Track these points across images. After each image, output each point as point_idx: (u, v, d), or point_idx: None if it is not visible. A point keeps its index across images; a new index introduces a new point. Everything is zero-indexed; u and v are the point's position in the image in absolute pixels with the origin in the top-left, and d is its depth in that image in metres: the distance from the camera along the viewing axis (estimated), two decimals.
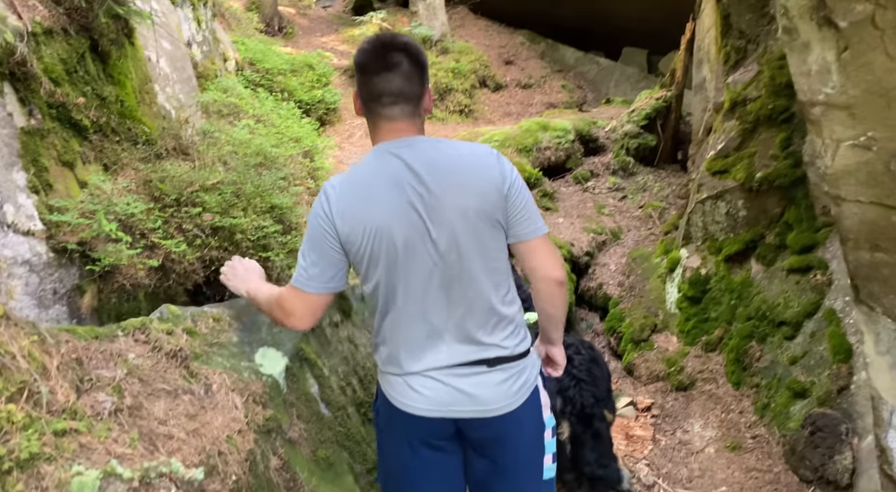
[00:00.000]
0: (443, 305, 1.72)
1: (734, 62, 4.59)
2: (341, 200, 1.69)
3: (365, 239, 1.67)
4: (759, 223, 4.33)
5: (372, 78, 1.70)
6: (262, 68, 7.38)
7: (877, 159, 1.70)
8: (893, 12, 1.43)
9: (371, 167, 1.73)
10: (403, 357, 1.77)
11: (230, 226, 3.69)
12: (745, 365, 4.11)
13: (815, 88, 1.66)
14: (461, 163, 1.71)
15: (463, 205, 1.67)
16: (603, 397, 3.04)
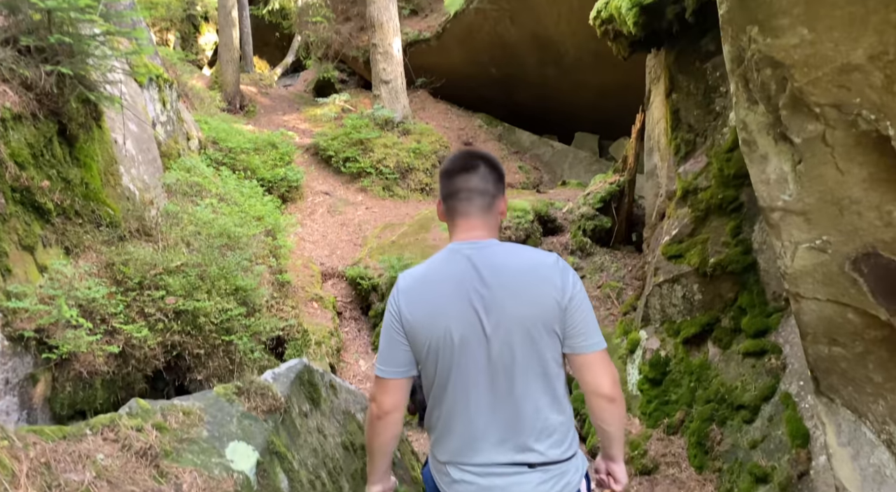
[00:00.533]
0: (488, 405, 1.76)
1: (684, 154, 4.86)
2: (410, 295, 1.78)
3: (426, 333, 1.76)
4: (715, 307, 4.47)
5: (453, 177, 1.85)
6: (225, 147, 7.44)
7: (832, 261, 1.81)
8: (841, 132, 1.57)
9: (441, 265, 1.82)
10: (448, 446, 1.82)
11: (194, 309, 3.63)
12: (706, 448, 4.14)
13: (773, 195, 1.78)
14: (524, 272, 1.76)
15: (521, 313, 1.72)
16: None
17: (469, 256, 1.77)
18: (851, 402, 2.12)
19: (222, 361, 3.74)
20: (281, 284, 5.86)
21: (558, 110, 11.83)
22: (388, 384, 1.82)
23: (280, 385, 2.53)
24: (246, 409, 2.28)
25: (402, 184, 9.18)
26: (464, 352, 1.74)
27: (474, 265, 1.75)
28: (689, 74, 4.94)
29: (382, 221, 8.05)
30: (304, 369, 2.74)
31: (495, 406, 1.75)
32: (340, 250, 7.36)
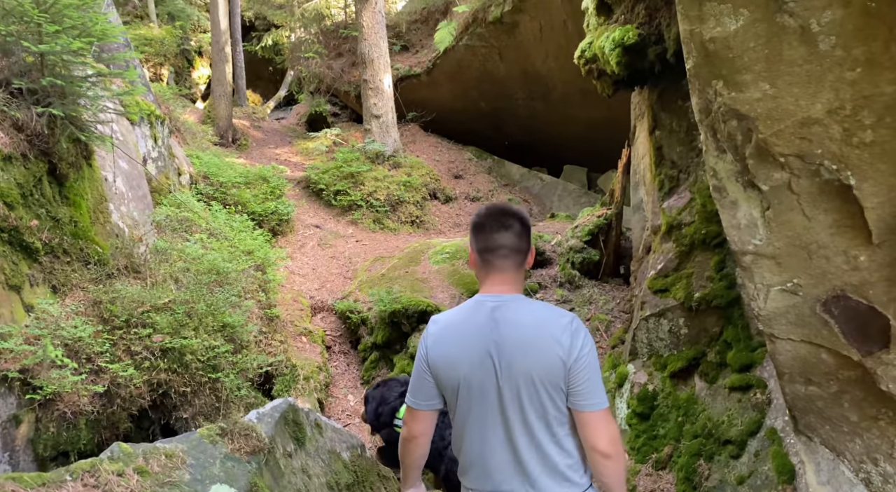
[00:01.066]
0: (501, 444, 1.96)
1: (668, 189, 4.94)
2: (436, 339, 2.03)
3: (448, 374, 1.99)
4: (701, 341, 4.50)
5: (491, 234, 2.02)
6: (217, 181, 7.49)
7: (803, 303, 1.85)
8: (806, 180, 1.63)
9: (467, 314, 2.02)
10: (470, 475, 2.05)
11: (181, 347, 3.64)
12: (695, 484, 4.13)
13: (744, 240, 1.83)
14: (534, 328, 1.94)
15: (527, 366, 1.90)
16: None
17: (492, 309, 1.96)
18: (829, 440, 2.14)
19: (209, 398, 3.73)
20: (270, 318, 5.85)
21: (547, 143, 11.99)
22: (417, 414, 2.10)
23: (264, 425, 2.54)
24: (229, 450, 2.29)
25: (393, 217, 9.23)
26: (481, 395, 1.95)
27: (494, 318, 1.94)
28: (672, 112, 5.04)
29: (373, 253, 8.08)
30: (289, 409, 2.75)
31: (506, 445, 1.96)
32: (330, 284, 7.37)
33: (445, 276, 6.93)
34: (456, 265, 7.07)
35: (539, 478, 1.95)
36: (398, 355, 6.01)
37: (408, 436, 2.13)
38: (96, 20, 3.49)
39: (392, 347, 6.10)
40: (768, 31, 1.48)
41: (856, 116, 1.48)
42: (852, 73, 1.44)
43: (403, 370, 5.84)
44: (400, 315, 6.06)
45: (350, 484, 3.00)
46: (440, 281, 6.85)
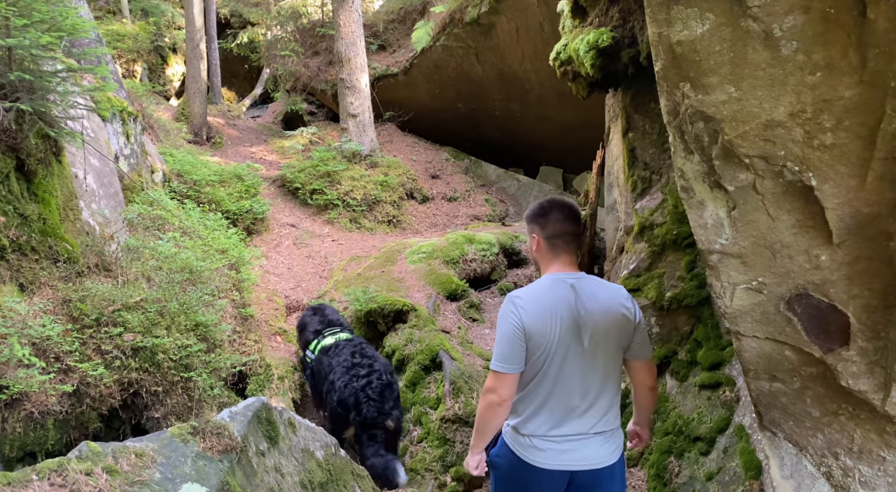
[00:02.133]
0: (579, 392, 2.41)
1: (641, 190, 5.00)
2: (528, 311, 2.36)
3: (541, 339, 2.36)
4: (672, 340, 4.57)
5: (557, 223, 2.50)
6: (190, 179, 7.42)
7: (768, 301, 1.90)
8: (770, 181, 1.67)
9: (550, 289, 2.43)
10: (540, 423, 2.42)
11: (152, 346, 3.60)
12: (665, 481, 4.19)
13: (711, 239, 1.87)
14: (610, 300, 2.45)
15: (608, 329, 2.41)
16: (387, 411, 4.32)
17: (572, 285, 2.43)
18: (793, 436, 2.20)
19: (181, 398, 3.70)
20: (244, 318, 5.81)
21: (524, 144, 12.06)
22: (508, 379, 2.39)
23: (237, 424, 2.52)
24: (201, 449, 2.27)
25: (370, 216, 9.22)
26: (567, 354, 2.38)
27: (576, 291, 2.41)
28: (645, 115, 5.11)
29: (349, 253, 8.06)
30: (262, 407, 2.73)
31: (585, 393, 2.41)
32: (306, 283, 7.34)
33: (422, 276, 6.94)
34: (432, 265, 7.08)
35: (599, 417, 2.47)
36: None
37: (499, 401, 2.39)
38: (66, 14, 3.44)
39: None
40: (733, 35, 1.52)
41: (816, 119, 1.52)
42: (813, 78, 1.48)
43: None
44: (376, 315, 6.05)
45: (324, 482, 3.00)
46: (416, 281, 6.85)
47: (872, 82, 1.42)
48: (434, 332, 5.82)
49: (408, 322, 6.00)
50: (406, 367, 5.64)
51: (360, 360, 4.62)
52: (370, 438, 4.28)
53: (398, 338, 5.87)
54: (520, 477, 2.50)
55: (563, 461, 2.42)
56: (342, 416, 4.42)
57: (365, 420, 4.27)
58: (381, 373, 4.49)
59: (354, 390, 4.38)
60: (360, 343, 4.95)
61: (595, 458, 2.46)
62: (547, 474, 2.43)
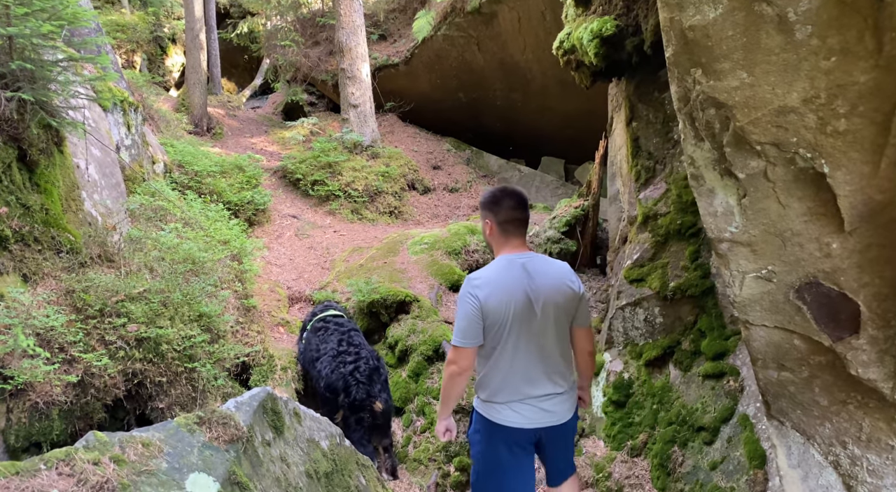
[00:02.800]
0: (537, 359, 2.76)
1: (644, 180, 4.98)
2: (485, 290, 2.66)
3: (497, 315, 2.67)
4: (676, 330, 4.56)
5: (511, 209, 2.80)
6: (191, 170, 7.39)
7: (777, 290, 1.89)
8: (781, 168, 1.65)
9: (504, 270, 2.73)
10: (508, 391, 2.79)
11: (156, 336, 3.59)
12: (669, 470, 4.20)
13: (721, 227, 1.86)
14: (558, 277, 2.80)
15: (555, 302, 2.74)
16: (375, 393, 4.41)
17: (523, 264, 2.74)
18: (800, 425, 2.19)
19: (185, 388, 3.70)
20: (246, 309, 5.81)
21: (525, 135, 12.02)
22: (467, 352, 2.73)
23: (242, 414, 2.52)
24: (207, 439, 2.27)
25: (371, 207, 9.20)
26: (522, 326, 2.70)
27: (527, 270, 2.73)
28: (649, 104, 5.08)
29: (351, 244, 8.05)
30: (268, 398, 2.73)
31: (540, 360, 2.77)
32: (308, 274, 7.33)
33: (424, 266, 6.93)
34: (434, 256, 7.07)
35: (556, 380, 2.82)
36: (377, 345, 6.00)
37: (459, 371, 2.76)
38: (67, 3, 3.41)
39: (371, 337, 6.09)
40: (746, 20, 1.50)
41: (830, 105, 1.51)
42: (827, 63, 1.46)
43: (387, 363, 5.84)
44: (378, 306, 6.05)
45: (329, 472, 3.00)
46: (419, 272, 6.84)
47: (888, 67, 1.40)
48: (437, 322, 5.82)
49: (410, 313, 5.99)
50: (409, 357, 5.64)
51: (347, 348, 4.69)
52: (357, 422, 4.37)
53: (401, 328, 5.87)
54: (498, 442, 2.88)
55: (534, 420, 2.83)
56: (330, 400, 4.51)
57: (354, 402, 4.35)
58: (368, 358, 4.59)
59: (342, 374, 4.47)
60: (350, 330, 4.99)
61: (559, 414, 2.87)
62: (522, 433, 2.84)
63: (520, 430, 2.83)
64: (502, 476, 2.96)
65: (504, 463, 2.92)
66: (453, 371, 2.77)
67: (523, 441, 2.89)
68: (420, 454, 4.97)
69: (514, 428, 2.83)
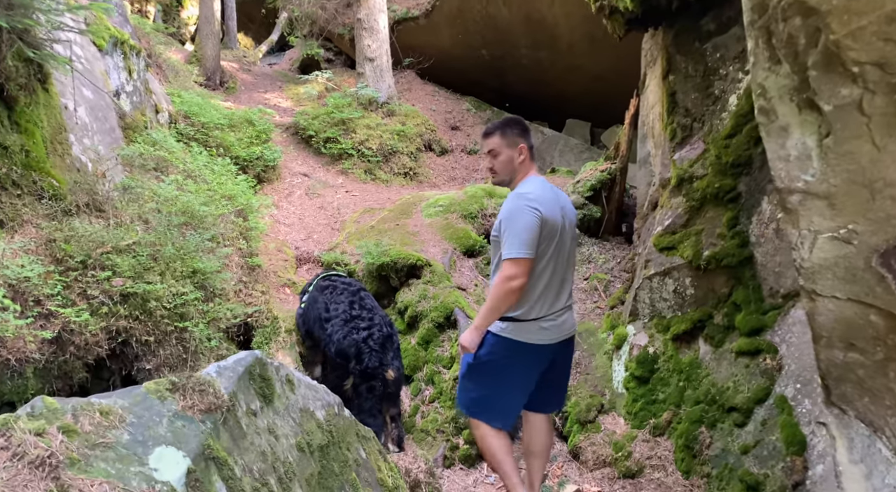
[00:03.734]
0: (562, 274, 3.09)
1: (680, 139, 4.60)
2: (542, 204, 2.94)
3: (551, 228, 2.97)
4: (707, 303, 4.24)
5: (532, 137, 3.26)
6: (198, 122, 7.10)
7: (857, 254, 1.56)
8: (882, 98, 1.31)
9: (545, 188, 3.07)
10: (543, 305, 3.04)
11: (143, 292, 3.34)
12: (695, 452, 3.92)
13: (792, 175, 1.53)
14: (570, 201, 3.27)
15: (571, 222, 3.19)
16: (388, 362, 4.25)
17: (552, 187, 3.15)
18: (867, 414, 1.88)
19: (175, 349, 3.46)
20: (251, 268, 5.56)
21: (550, 96, 11.54)
22: (528, 263, 2.92)
23: (225, 380, 2.26)
24: (180, 408, 2.01)
25: (385, 167, 8.87)
26: (558, 241, 3.02)
27: (554, 191, 3.15)
28: (688, 55, 4.68)
29: (362, 205, 7.76)
30: (255, 362, 2.46)
31: (565, 274, 3.14)
32: (317, 235, 7.07)
33: (438, 229, 6.63)
34: (449, 219, 6.76)
35: (570, 295, 3.21)
36: (386, 310, 5.74)
37: (520, 285, 2.91)
38: None
39: (380, 301, 5.82)
40: None
41: None
42: None
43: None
44: (388, 269, 5.77)
45: (324, 445, 2.75)
46: (432, 235, 6.55)
47: None
48: (449, 288, 5.54)
49: (422, 278, 5.72)
50: (419, 324, 5.38)
51: (360, 312, 4.48)
52: (369, 390, 4.20)
53: (411, 294, 5.60)
54: (518, 363, 3.11)
55: (558, 334, 3.12)
56: (341, 366, 4.33)
57: (366, 370, 4.18)
58: (381, 325, 4.40)
59: (355, 341, 4.27)
60: (359, 290, 4.76)
61: (572, 326, 3.23)
62: (548, 349, 3.10)
63: (549, 346, 3.09)
64: (513, 396, 3.22)
65: (519, 384, 3.17)
66: (514, 286, 2.89)
67: (544, 359, 3.16)
68: (428, 425, 4.74)
69: (544, 345, 3.07)
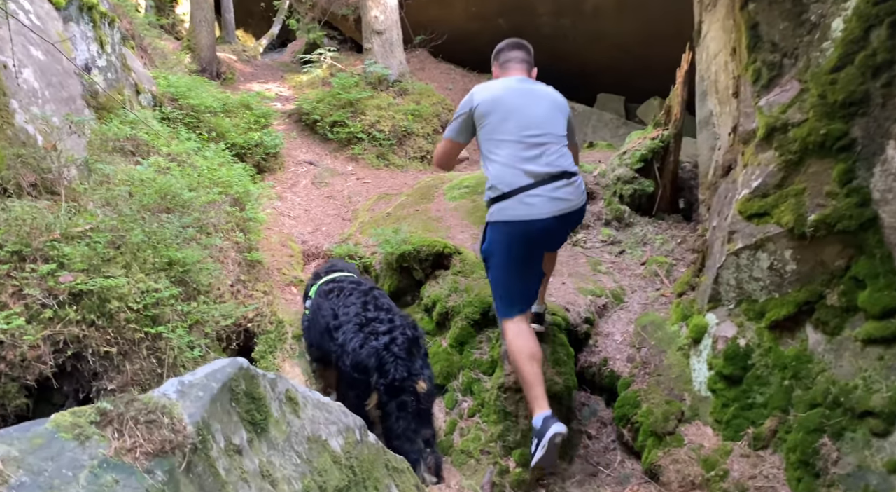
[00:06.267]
0: (537, 143, 3.64)
1: (767, 81, 3.84)
2: (479, 91, 3.72)
3: (488, 104, 3.66)
4: (816, 280, 3.48)
5: (508, 52, 3.98)
6: (187, 105, 6.44)
7: None
8: None
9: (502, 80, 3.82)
10: (511, 179, 3.53)
11: (101, 289, 2.63)
12: (817, 470, 3.17)
13: None
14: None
15: (547, 95, 3.83)
16: (417, 371, 3.62)
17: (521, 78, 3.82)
18: None
19: (146, 362, 2.77)
20: (250, 264, 4.88)
21: (575, 70, 10.76)
22: (447, 143, 3.90)
23: (190, 402, 1.55)
24: (113, 451, 1.31)
25: (399, 151, 8.16)
26: (518, 113, 3.64)
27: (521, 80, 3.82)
28: None
29: (376, 192, 7.07)
30: (239, 375, 1.76)
31: (541, 143, 3.66)
32: (326, 227, 6.38)
33: (465, 213, 5.91)
34: (477, 201, 6.04)
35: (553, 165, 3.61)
36: (409, 308, 5.03)
37: (436, 161, 4.11)
38: None
39: (402, 298, 5.12)
40: None
41: None
42: None
43: None
44: (410, 259, 5.05)
45: (343, 488, 2.03)
46: (458, 219, 5.83)
47: None
48: (483, 279, 4.80)
49: (451, 268, 4.99)
50: (450, 323, 4.65)
51: (377, 314, 3.75)
52: (399, 407, 3.53)
53: (439, 287, 4.87)
54: (516, 243, 3.57)
55: (551, 208, 3.50)
56: (360, 382, 3.59)
57: (393, 384, 3.50)
58: (404, 327, 3.70)
59: (375, 349, 3.54)
60: (372, 289, 4.04)
61: (572, 199, 3.62)
62: (542, 223, 3.48)
63: (538, 221, 3.49)
64: (523, 278, 3.68)
65: (525, 264, 3.64)
66: (434, 160, 4.12)
67: (542, 234, 3.57)
68: (469, 445, 4.01)
69: (531, 221, 3.49)
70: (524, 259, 3.59)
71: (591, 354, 4.63)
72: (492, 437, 3.93)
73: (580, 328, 4.66)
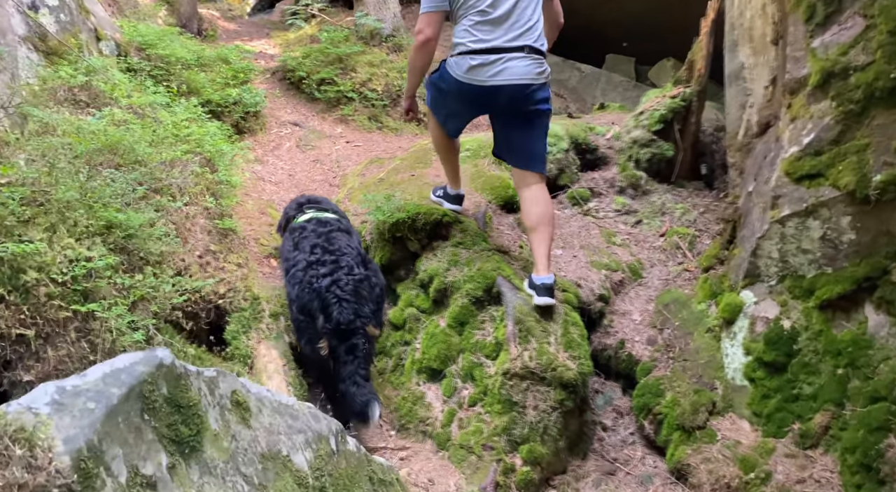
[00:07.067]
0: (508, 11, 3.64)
1: (823, 17, 3.32)
2: None
3: None
4: (880, 252, 3.02)
5: None
6: (156, 55, 5.86)
7: None
8: None
9: None
10: (469, 42, 3.59)
11: (12, 257, 2.13)
12: (881, 476, 2.73)
13: None
14: None
15: None
16: (366, 314, 3.51)
17: None
18: None
19: (75, 347, 2.28)
20: (222, 233, 4.36)
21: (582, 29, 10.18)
22: (429, 15, 3.55)
23: (71, 420, 1.06)
24: None
25: (393, 113, 7.60)
26: None
27: None
28: None
29: (367, 156, 6.54)
30: (156, 375, 1.27)
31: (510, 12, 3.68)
32: (312, 193, 5.85)
33: (467, 179, 5.38)
34: (480, 166, 5.52)
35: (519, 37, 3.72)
36: (403, 284, 4.54)
37: (425, 38, 3.59)
38: None
39: (394, 271, 4.62)
40: None
41: None
42: None
43: (410, 304, 4.39)
44: (405, 228, 4.54)
45: None
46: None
47: None
48: (487, 252, 4.31)
49: (450, 239, 4.48)
50: (449, 300, 4.16)
51: (322, 255, 3.69)
52: (349, 351, 3.44)
53: (437, 260, 4.37)
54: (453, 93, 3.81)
55: (491, 78, 3.66)
56: (306, 325, 3.58)
57: (338, 326, 3.42)
58: (350, 266, 3.64)
59: (317, 291, 3.49)
60: (333, 231, 3.97)
61: (519, 75, 3.70)
62: (479, 91, 3.71)
63: (475, 88, 3.65)
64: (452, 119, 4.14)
65: (454, 111, 4.04)
66: (422, 38, 3.71)
67: (477, 101, 3.79)
68: (469, 438, 3.55)
69: (470, 85, 3.65)
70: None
71: (606, 335, 4.16)
72: (495, 430, 3.47)
73: (593, 306, 4.19)
